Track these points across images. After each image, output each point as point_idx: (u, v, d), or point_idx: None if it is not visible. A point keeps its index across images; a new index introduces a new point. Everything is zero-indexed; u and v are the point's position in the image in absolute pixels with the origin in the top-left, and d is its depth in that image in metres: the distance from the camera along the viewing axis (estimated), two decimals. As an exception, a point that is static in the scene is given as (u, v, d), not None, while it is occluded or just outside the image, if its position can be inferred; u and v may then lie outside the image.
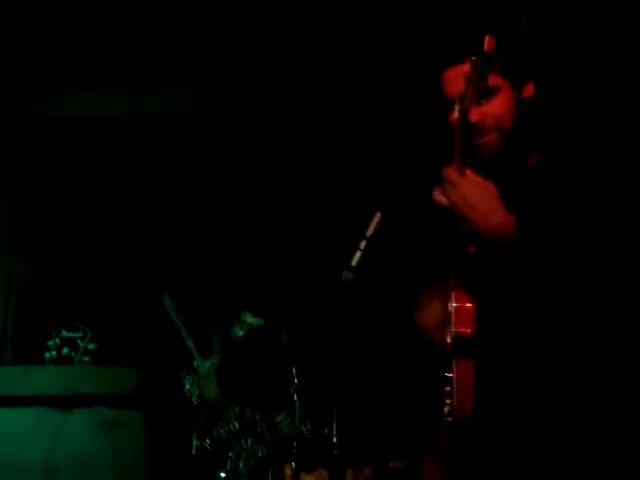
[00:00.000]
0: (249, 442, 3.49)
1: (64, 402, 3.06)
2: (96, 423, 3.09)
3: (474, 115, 2.08)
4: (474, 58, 1.98)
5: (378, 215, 2.23)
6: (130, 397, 3.18)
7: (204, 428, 3.54)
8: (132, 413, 3.20)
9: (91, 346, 3.26)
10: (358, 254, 2.19)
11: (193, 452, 3.55)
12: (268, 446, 3.49)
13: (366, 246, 2.20)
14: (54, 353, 3.26)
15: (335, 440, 3.29)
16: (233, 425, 3.59)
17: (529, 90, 2.17)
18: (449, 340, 2.09)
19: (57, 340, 3.28)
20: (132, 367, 3.31)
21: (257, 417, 3.61)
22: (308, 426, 3.42)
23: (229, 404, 3.64)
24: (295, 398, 3.28)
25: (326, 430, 3.36)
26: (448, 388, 2.07)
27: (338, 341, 3.61)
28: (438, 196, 2.07)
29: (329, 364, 3.55)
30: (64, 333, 3.28)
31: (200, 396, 3.67)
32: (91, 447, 3.09)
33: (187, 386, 3.73)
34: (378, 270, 3.11)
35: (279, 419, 3.52)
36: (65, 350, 3.26)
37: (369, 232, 2.22)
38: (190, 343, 3.63)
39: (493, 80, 2.06)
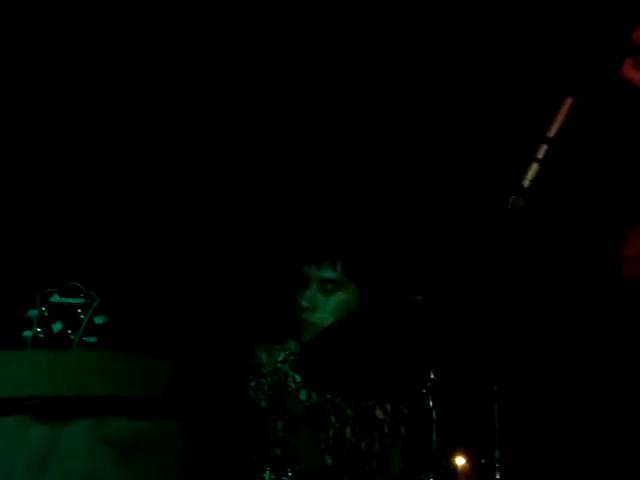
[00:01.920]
0: None
1: (56, 409, 2.06)
2: (105, 441, 2.11)
3: None
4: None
5: (569, 101, 1.68)
6: (159, 401, 2.19)
7: (284, 455, 2.41)
8: (162, 426, 2.21)
9: (99, 319, 2.30)
10: (534, 168, 1.65)
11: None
12: None
13: (547, 154, 1.63)
14: (39, 330, 2.25)
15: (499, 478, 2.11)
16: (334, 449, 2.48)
17: None
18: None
19: (44, 310, 2.26)
20: (163, 354, 2.27)
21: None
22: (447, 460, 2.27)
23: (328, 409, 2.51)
24: (430, 403, 2.07)
25: (483, 461, 2.18)
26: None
27: (501, 308, 2.41)
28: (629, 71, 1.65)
29: (490, 345, 2.36)
30: (55, 298, 2.28)
31: (269, 398, 2.56)
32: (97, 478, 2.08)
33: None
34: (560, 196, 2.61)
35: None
36: (57, 326, 2.27)
37: (553, 130, 1.66)
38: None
39: None
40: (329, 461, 2.76)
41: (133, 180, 3.81)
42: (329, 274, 2.91)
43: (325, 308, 2.90)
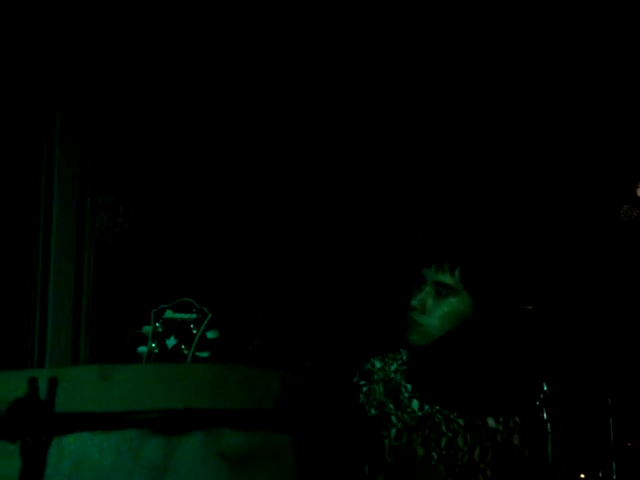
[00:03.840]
0: None
1: (170, 423, 2.07)
2: (220, 454, 2.11)
3: None
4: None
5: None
6: (271, 414, 2.16)
7: (398, 464, 2.39)
8: (275, 439, 2.19)
9: (211, 334, 2.30)
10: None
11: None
12: None
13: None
14: (153, 346, 2.27)
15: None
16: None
17: None
18: None
19: (158, 325, 2.28)
20: (274, 366, 2.25)
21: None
22: (563, 472, 2.21)
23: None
24: (544, 415, 2.02)
25: (600, 474, 2.12)
26: None
27: (615, 319, 2.35)
28: None
29: (604, 357, 2.30)
30: (169, 314, 2.30)
31: (380, 406, 2.54)
32: (211, 491, 2.11)
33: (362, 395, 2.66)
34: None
35: None
36: (171, 341, 2.28)
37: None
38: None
39: None
40: (442, 471, 2.72)
41: (244, 200, 3.85)
42: (446, 279, 2.88)
43: (435, 312, 2.86)
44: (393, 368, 2.92)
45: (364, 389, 2.88)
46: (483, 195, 3.96)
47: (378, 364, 2.93)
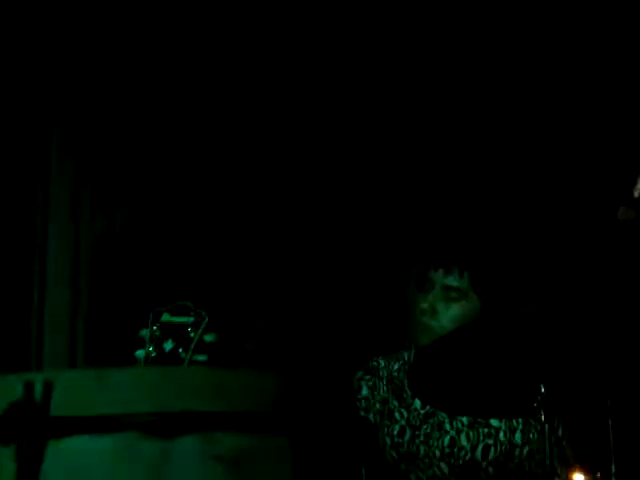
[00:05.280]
0: None
1: (166, 426, 2.09)
2: (215, 457, 2.12)
3: None
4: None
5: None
6: (267, 417, 2.19)
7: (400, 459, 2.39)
8: (271, 441, 2.20)
9: (208, 337, 2.30)
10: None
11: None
12: None
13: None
14: (151, 349, 2.27)
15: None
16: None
17: None
18: None
19: (155, 329, 2.29)
20: (270, 370, 2.30)
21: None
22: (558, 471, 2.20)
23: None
24: (542, 416, 2.02)
25: (598, 475, 2.11)
26: None
27: (612, 320, 2.35)
28: None
29: (601, 357, 2.30)
30: (166, 317, 2.31)
31: (384, 402, 2.55)
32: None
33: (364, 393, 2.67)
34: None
35: None
36: (168, 345, 2.28)
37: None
38: None
39: None
40: (445, 469, 2.72)
41: (242, 204, 3.85)
42: (455, 282, 2.88)
43: (445, 315, 2.87)
44: (396, 367, 2.93)
45: (369, 383, 2.89)
46: (489, 198, 3.97)
47: (382, 362, 2.94)
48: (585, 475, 2.48)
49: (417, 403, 2.82)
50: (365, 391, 2.88)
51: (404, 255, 3.72)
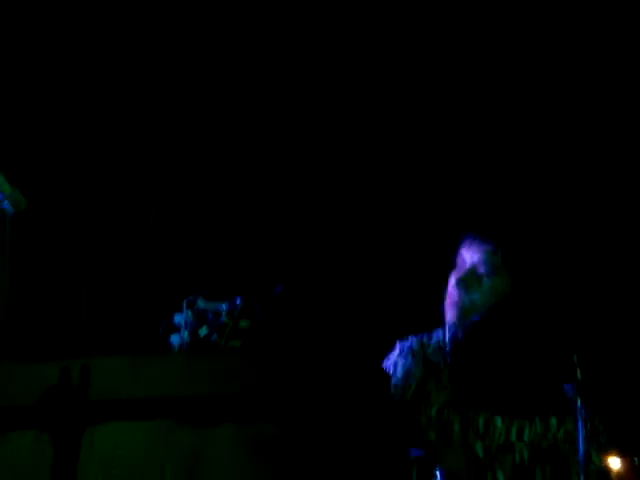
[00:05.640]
0: None
1: (200, 412, 2.08)
2: (254, 446, 2.09)
3: None
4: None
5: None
6: (301, 401, 2.13)
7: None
8: (301, 426, 2.14)
9: (243, 323, 2.27)
10: None
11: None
12: None
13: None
14: (185, 335, 2.25)
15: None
16: None
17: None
18: None
19: (190, 314, 2.27)
20: (305, 355, 2.25)
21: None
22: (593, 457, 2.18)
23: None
24: (579, 403, 2.00)
25: (636, 459, 2.09)
26: None
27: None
28: None
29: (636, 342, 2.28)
30: (201, 304, 2.28)
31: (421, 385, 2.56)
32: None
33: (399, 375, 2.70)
34: None
35: None
36: (203, 331, 2.26)
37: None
38: None
39: None
40: (480, 451, 2.72)
41: (286, 193, 3.86)
42: (488, 259, 2.88)
43: (477, 291, 2.87)
44: (431, 349, 2.92)
45: (405, 364, 2.90)
46: (522, 176, 3.96)
47: (416, 343, 2.94)
48: (621, 459, 2.47)
49: (453, 387, 2.82)
50: (400, 373, 2.88)
51: (436, 233, 3.72)
